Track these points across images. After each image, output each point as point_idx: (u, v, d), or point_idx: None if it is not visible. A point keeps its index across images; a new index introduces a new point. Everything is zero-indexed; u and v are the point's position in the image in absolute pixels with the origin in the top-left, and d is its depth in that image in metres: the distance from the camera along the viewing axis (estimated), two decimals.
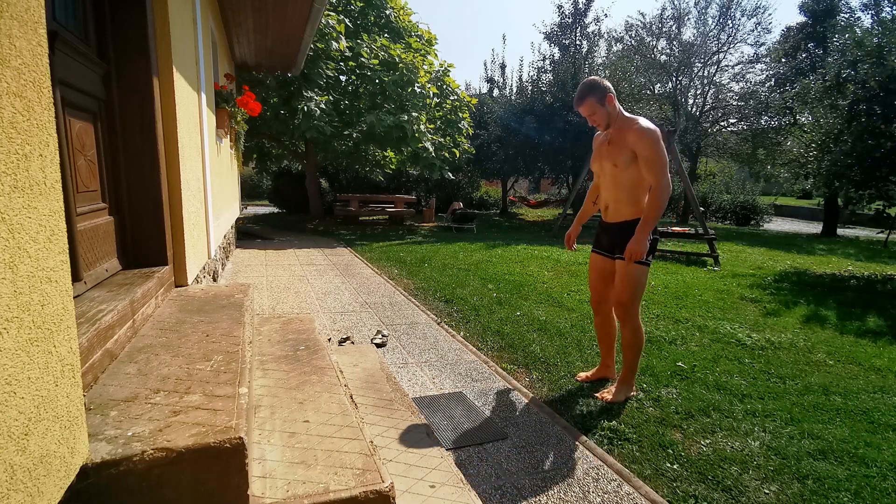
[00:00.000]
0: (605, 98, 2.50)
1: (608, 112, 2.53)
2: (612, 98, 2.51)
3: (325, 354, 2.06)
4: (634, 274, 2.59)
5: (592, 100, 2.50)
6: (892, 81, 6.40)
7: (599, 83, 2.51)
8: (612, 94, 2.52)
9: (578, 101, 2.54)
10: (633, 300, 2.62)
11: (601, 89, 2.50)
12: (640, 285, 2.62)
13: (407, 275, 6.20)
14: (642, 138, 2.45)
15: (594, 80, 2.53)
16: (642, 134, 2.45)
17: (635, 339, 2.68)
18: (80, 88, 1.72)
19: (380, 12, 11.78)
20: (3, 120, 0.74)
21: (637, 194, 2.58)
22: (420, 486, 1.67)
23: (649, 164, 2.46)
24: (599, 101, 2.51)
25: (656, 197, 2.44)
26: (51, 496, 0.84)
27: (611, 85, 2.54)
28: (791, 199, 26.31)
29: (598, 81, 2.52)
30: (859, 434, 2.46)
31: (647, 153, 2.46)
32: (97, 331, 1.34)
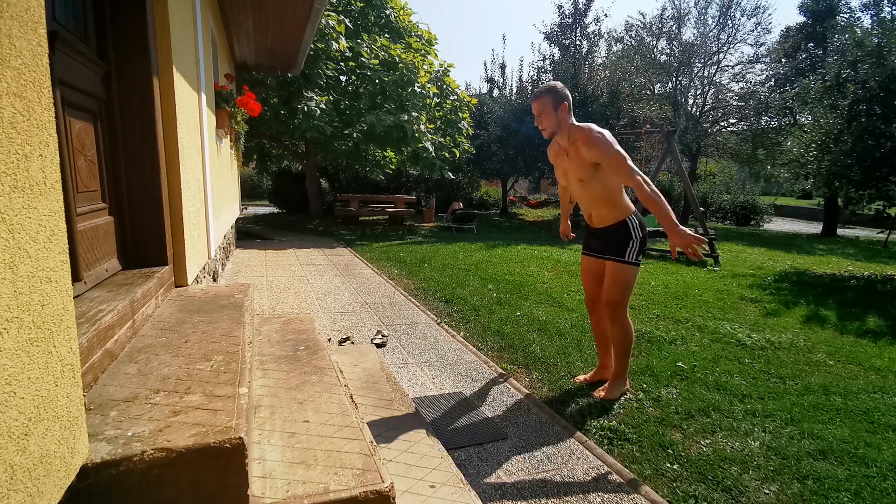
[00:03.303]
0: (559, 104, 2.50)
1: (557, 119, 2.52)
2: (565, 107, 2.52)
3: (325, 354, 2.06)
4: (624, 274, 2.61)
5: (548, 99, 2.50)
6: (892, 81, 6.40)
7: (560, 89, 2.53)
8: (569, 104, 2.53)
9: (535, 96, 2.55)
10: (622, 299, 2.64)
11: (559, 94, 2.51)
12: (630, 285, 2.64)
13: (407, 275, 6.20)
14: (596, 146, 2.45)
15: (556, 84, 2.55)
16: (594, 142, 2.46)
17: (624, 336, 2.70)
18: (80, 88, 1.72)
19: (380, 12, 11.78)
20: (3, 120, 0.74)
21: (614, 198, 2.60)
22: (420, 486, 1.67)
23: (613, 166, 2.46)
24: (553, 105, 2.51)
25: (645, 195, 2.39)
26: (51, 496, 0.84)
27: (570, 96, 2.56)
28: (791, 200, 26.30)
29: (559, 87, 2.53)
30: (859, 434, 2.46)
31: (607, 158, 2.46)
32: (97, 331, 1.34)
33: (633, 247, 2.60)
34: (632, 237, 2.60)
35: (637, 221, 2.64)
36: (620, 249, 2.60)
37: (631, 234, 2.60)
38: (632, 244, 2.59)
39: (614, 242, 2.62)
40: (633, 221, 2.61)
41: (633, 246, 2.60)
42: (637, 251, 2.61)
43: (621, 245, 2.60)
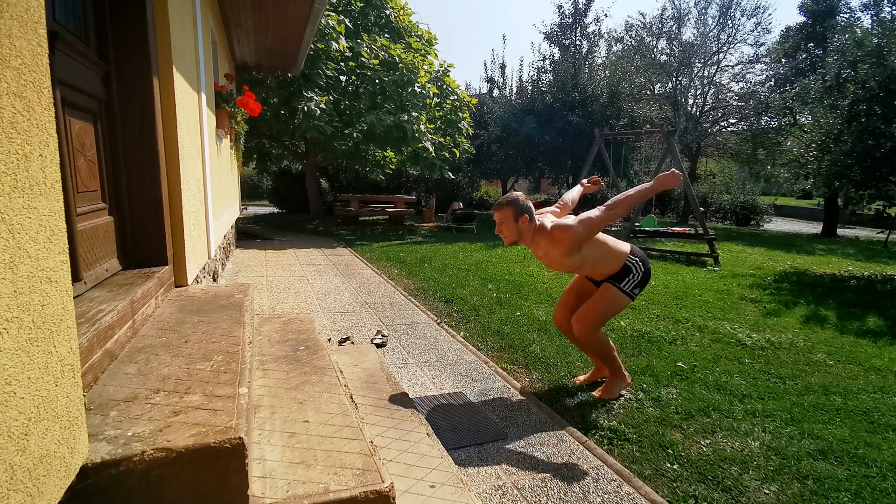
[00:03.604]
0: (520, 217, 2.55)
1: (518, 230, 2.57)
2: (526, 220, 2.56)
3: (325, 354, 2.06)
4: (614, 298, 2.64)
5: (509, 211, 2.56)
6: (892, 81, 6.40)
7: (521, 201, 2.58)
8: (529, 217, 2.57)
9: (497, 206, 2.62)
10: (596, 321, 2.66)
11: (520, 208, 2.56)
12: (611, 313, 2.68)
13: (407, 275, 6.20)
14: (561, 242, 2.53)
15: (518, 196, 2.61)
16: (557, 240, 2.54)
17: (602, 347, 2.73)
18: (80, 88, 1.72)
19: (380, 12, 11.78)
20: (3, 120, 0.74)
21: (604, 261, 2.65)
22: (420, 486, 1.67)
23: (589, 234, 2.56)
24: (514, 217, 2.56)
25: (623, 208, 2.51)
26: (51, 496, 0.84)
27: (532, 208, 2.61)
28: (791, 200, 26.29)
29: (520, 199, 2.59)
30: (859, 434, 2.46)
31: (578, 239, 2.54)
32: (97, 331, 1.34)
33: (633, 279, 2.64)
34: (632, 271, 2.65)
35: (638, 258, 2.68)
36: (620, 277, 2.65)
37: (632, 269, 2.65)
38: (632, 276, 2.64)
39: (616, 274, 2.68)
40: (632, 260, 2.66)
41: (633, 278, 2.64)
42: (636, 284, 2.65)
43: (622, 274, 2.66)
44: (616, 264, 2.65)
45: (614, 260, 2.65)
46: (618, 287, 2.63)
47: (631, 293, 2.65)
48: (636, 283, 2.65)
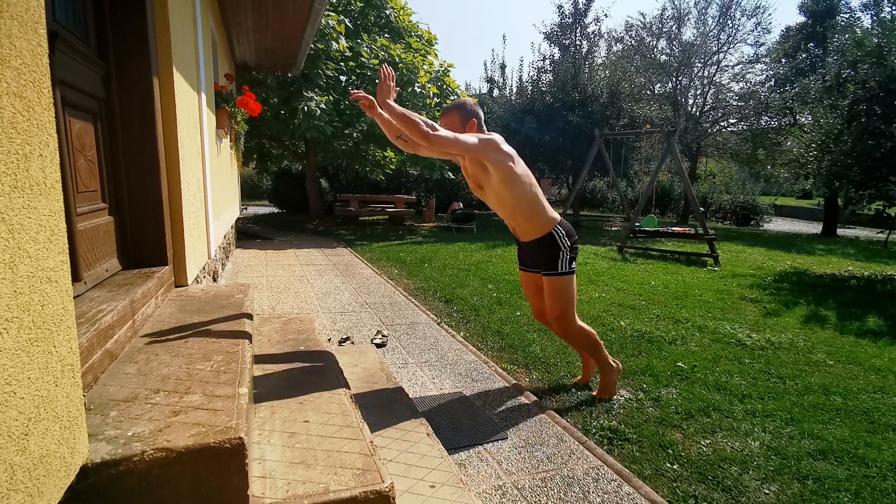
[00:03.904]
0: (467, 121, 2.40)
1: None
2: (474, 124, 2.40)
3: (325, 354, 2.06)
4: (561, 286, 2.56)
5: (456, 114, 2.40)
6: (892, 81, 6.40)
7: (469, 106, 2.42)
8: (477, 121, 2.40)
9: (444, 111, 2.47)
10: (565, 311, 2.58)
11: (468, 111, 2.40)
12: (570, 295, 2.59)
13: (407, 275, 6.20)
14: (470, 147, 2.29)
15: (467, 100, 2.44)
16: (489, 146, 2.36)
17: (585, 339, 2.65)
18: (80, 88, 1.72)
19: (380, 12, 11.78)
20: (3, 120, 0.74)
21: (527, 209, 2.48)
22: (420, 486, 1.67)
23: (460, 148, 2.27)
24: (461, 121, 2.40)
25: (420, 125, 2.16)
26: (51, 496, 0.84)
27: (481, 114, 2.44)
28: (791, 200, 26.30)
29: (469, 104, 2.42)
30: (859, 434, 2.46)
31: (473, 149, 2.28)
32: (97, 331, 1.34)
33: (564, 257, 2.54)
34: (560, 248, 2.53)
35: (564, 231, 2.56)
36: (552, 263, 2.54)
37: (559, 245, 2.53)
38: (562, 255, 2.53)
39: (545, 258, 2.55)
40: (558, 232, 2.54)
41: (564, 257, 2.53)
42: (569, 260, 2.56)
43: (552, 259, 2.53)
44: (538, 225, 2.51)
45: (537, 219, 2.50)
46: (556, 274, 2.54)
47: (570, 270, 2.56)
48: (568, 259, 2.55)
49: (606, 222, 15.47)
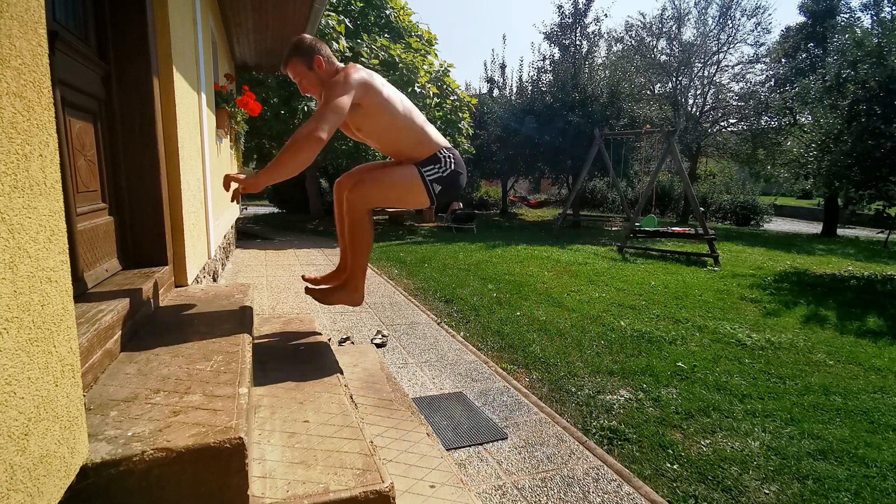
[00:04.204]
0: (312, 61, 2.01)
1: (319, 77, 2.02)
2: (321, 61, 2.01)
3: (325, 354, 2.06)
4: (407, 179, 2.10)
5: (297, 62, 2.02)
6: (892, 81, 6.40)
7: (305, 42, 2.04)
8: (323, 56, 2.03)
9: (283, 64, 2.09)
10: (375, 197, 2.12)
11: (307, 50, 2.01)
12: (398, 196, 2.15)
13: (407, 275, 6.20)
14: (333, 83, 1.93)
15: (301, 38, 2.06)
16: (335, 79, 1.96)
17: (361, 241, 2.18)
18: (80, 88, 1.72)
19: (380, 12, 11.78)
20: (3, 120, 0.74)
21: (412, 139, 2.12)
22: (420, 486, 1.67)
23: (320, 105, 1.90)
24: (306, 64, 2.02)
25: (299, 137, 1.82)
26: (51, 496, 0.84)
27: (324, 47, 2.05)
28: (791, 200, 26.30)
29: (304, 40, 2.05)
30: (859, 434, 2.46)
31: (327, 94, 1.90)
32: (97, 331, 1.34)
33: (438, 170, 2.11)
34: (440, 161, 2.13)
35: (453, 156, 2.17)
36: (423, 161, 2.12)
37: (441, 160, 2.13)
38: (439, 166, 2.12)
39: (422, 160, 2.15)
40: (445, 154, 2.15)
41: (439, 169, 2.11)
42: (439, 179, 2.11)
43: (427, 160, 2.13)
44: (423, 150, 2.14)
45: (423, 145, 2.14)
46: (418, 169, 2.10)
47: (430, 186, 2.10)
48: (441, 176, 2.11)
49: (606, 222, 15.47)
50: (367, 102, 1.99)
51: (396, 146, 2.15)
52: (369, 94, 1.99)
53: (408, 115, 2.10)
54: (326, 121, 1.83)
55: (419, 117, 2.15)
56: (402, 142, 2.13)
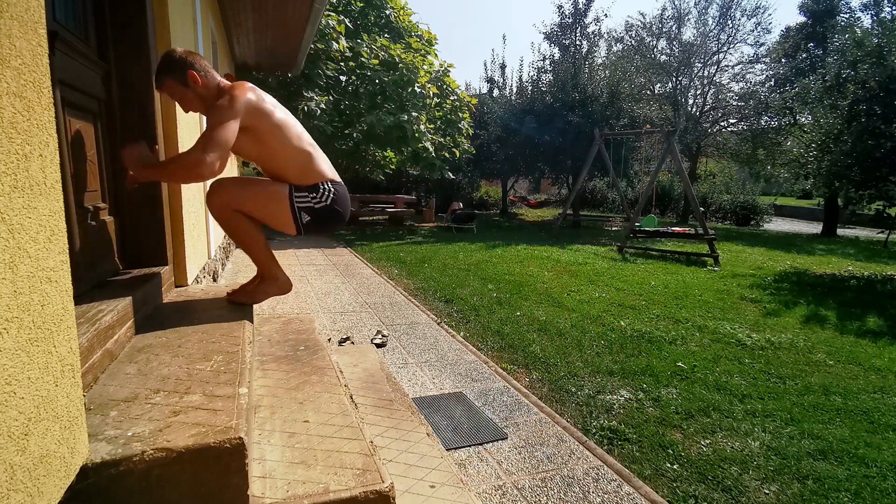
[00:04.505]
0: (186, 77, 1.81)
1: (197, 93, 1.84)
2: (195, 76, 1.82)
3: (325, 354, 2.06)
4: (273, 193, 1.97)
5: (170, 81, 1.84)
6: (892, 81, 6.40)
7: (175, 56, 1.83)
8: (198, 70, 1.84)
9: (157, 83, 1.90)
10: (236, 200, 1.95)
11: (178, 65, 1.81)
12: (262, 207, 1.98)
13: (407, 275, 6.20)
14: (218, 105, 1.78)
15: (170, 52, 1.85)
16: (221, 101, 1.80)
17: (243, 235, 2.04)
18: (80, 88, 1.72)
19: (380, 12, 11.79)
20: (3, 120, 0.74)
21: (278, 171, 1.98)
22: (420, 486, 1.67)
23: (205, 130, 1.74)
24: (181, 81, 1.82)
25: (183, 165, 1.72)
26: (51, 496, 0.84)
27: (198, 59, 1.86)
28: (791, 200, 26.30)
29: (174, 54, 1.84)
30: (859, 434, 2.46)
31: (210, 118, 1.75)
32: (97, 331, 1.34)
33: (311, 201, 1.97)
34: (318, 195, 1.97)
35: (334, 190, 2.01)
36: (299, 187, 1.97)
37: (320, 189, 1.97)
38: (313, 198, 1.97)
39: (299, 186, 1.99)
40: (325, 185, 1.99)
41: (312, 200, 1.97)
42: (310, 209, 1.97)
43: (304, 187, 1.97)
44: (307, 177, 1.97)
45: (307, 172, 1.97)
46: (290, 191, 1.94)
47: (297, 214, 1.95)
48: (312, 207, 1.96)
49: (606, 222, 15.47)
50: (257, 126, 1.85)
51: (278, 171, 1.98)
52: (259, 119, 1.85)
53: (299, 141, 1.96)
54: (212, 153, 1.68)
55: (309, 143, 2.01)
56: (287, 167, 1.96)
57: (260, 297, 2.16)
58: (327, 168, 2.05)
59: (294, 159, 1.96)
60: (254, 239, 2.07)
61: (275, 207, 1.97)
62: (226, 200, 1.95)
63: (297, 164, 1.97)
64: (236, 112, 1.77)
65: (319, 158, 2.04)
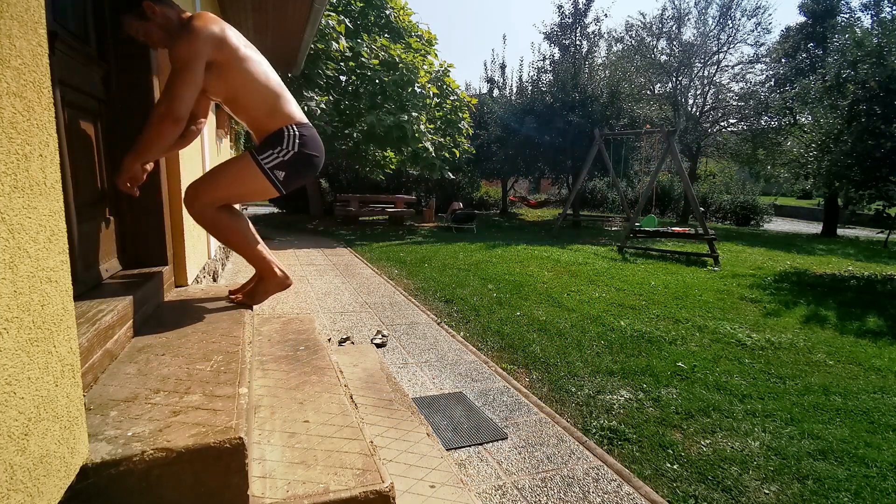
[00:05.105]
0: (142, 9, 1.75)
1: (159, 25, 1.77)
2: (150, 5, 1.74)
3: (325, 354, 2.06)
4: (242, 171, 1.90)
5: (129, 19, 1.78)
6: (892, 81, 6.40)
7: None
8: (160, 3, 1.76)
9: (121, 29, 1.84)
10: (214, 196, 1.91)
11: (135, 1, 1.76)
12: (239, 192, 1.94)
13: (407, 275, 6.20)
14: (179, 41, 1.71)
15: None
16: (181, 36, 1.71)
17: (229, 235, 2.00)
18: (80, 88, 1.72)
19: (380, 12, 11.78)
20: (3, 120, 0.74)
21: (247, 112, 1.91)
22: (420, 486, 1.67)
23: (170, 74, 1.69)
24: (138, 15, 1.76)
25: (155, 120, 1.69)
26: (51, 496, 0.84)
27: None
28: (791, 200, 26.31)
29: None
30: (859, 434, 2.46)
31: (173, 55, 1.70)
32: (97, 331, 1.34)
33: (280, 154, 1.89)
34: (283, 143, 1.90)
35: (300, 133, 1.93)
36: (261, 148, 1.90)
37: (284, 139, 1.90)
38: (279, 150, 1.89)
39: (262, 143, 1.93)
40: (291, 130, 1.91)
41: (280, 154, 1.89)
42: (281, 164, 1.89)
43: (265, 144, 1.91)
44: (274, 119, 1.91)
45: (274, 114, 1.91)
46: (254, 159, 1.87)
47: (271, 174, 1.88)
48: (282, 161, 1.89)
49: (606, 222, 15.47)
50: (221, 60, 1.77)
51: (248, 111, 1.92)
52: (223, 51, 1.77)
53: (266, 79, 1.90)
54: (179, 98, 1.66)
55: (278, 84, 1.94)
56: (255, 106, 1.90)
57: (260, 297, 2.15)
58: (295, 110, 1.98)
59: (261, 99, 1.89)
60: (244, 238, 2.04)
61: (248, 180, 1.90)
62: (201, 202, 1.91)
63: (265, 104, 1.90)
64: (197, 46, 1.70)
65: (288, 100, 1.97)
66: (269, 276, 2.12)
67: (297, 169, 1.94)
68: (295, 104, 1.99)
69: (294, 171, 1.93)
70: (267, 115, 1.90)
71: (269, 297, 2.22)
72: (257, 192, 1.94)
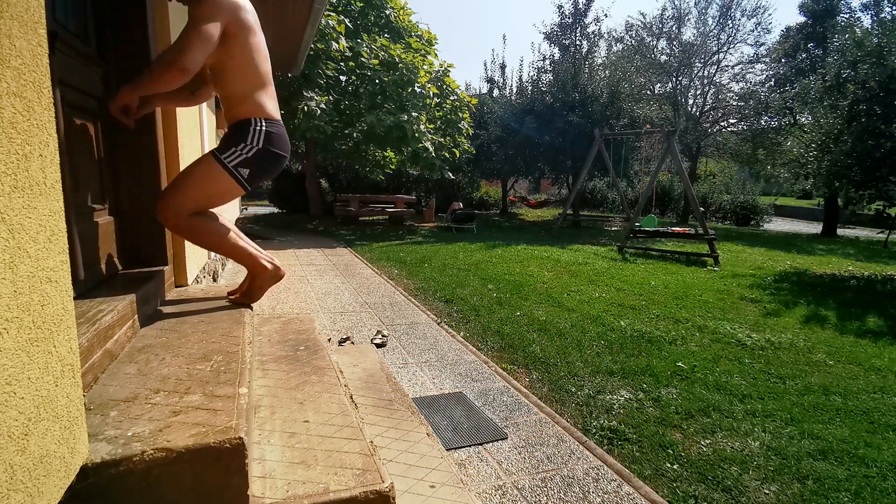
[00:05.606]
0: None
1: None
2: None
3: (325, 354, 2.06)
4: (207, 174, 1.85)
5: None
6: (892, 81, 6.40)
7: None
8: None
9: None
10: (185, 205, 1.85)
11: None
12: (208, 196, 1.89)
13: (407, 275, 6.20)
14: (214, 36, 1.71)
15: None
16: None
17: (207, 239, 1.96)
18: (80, 88, 1.72)
19: (380, 12, 11.79)
20: (3, 120, 0.74)
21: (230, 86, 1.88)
22: (420, 486, 1.67)
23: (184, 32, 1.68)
24: None
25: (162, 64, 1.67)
26: (51, 496, 0.84)
27: None
28: (791, 200, 26.31)
29: None
30: (859, 434, 2.46)
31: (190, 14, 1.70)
32: (97, 331, 1.34)
33: (243, 151, 1.85)
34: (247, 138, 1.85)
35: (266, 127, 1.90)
36: (224, 146, 1.87)
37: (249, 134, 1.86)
38: (243, 147, 1.85)
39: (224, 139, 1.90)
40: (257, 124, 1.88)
41: (243, 150, 1.85)
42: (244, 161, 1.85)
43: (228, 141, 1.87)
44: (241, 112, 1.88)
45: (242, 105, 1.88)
46: (217, 159, 1.83)
47: (236, 172, 1.84)
48: (246, 158, 1.85)
49: (606, 222, 15.48)
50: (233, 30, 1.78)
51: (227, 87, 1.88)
52: (237, 23, 1.79)
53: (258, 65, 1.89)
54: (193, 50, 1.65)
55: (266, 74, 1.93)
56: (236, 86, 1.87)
57: (257, 294, 2.14)
58: (271, 105, 1.95)
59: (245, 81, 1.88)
60: (223, 240, 2.00)
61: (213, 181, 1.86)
62: (172, 210, 1.86)
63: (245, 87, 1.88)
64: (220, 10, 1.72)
65: (268, 94, 1.95)
66: (260, 271, 2.11)
67: (262, 166, 1.91)
68: (274, 101, 1.97)
69: (258, 167, 1.90)
70: (242, 99, 1.88)
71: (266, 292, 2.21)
72: (224, 192, 1.90)
